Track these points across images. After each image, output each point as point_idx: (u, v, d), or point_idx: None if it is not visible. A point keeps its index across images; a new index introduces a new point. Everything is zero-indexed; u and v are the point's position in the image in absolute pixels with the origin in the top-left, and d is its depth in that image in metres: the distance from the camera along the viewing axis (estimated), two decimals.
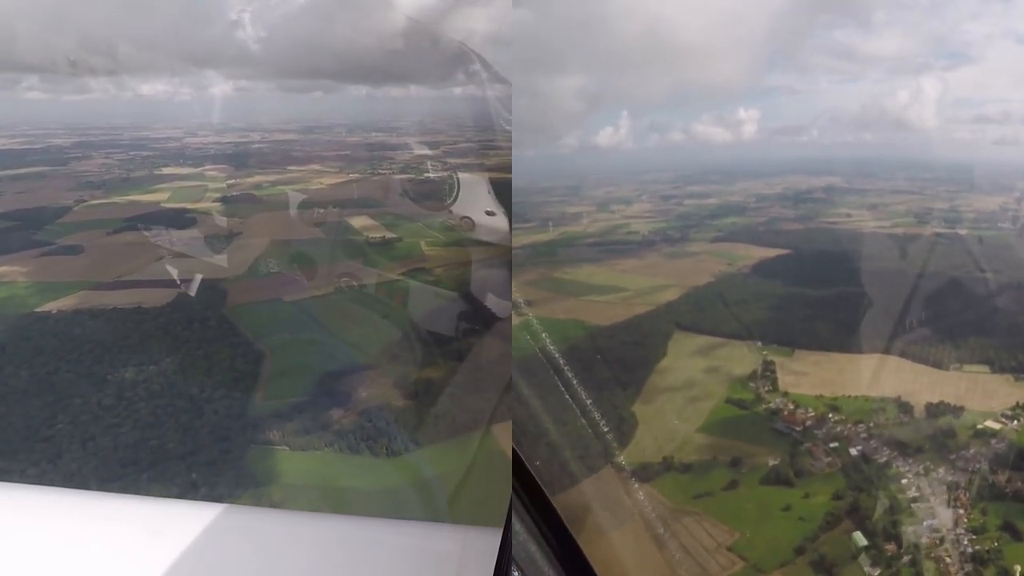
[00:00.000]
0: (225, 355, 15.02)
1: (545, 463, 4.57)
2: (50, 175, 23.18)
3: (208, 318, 15.65)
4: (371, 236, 17.14)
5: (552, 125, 15.47)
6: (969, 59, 21.15)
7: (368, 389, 13.57)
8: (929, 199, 20.36)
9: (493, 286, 11.23)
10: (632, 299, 14.25)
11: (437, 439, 12.54)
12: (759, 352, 12.52)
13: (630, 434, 10.55)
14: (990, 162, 21.69)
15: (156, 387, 14.31)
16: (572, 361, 9.70)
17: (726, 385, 11.69)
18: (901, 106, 21.70)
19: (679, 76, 15.53)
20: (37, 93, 23.38)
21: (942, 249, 17.15)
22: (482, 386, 11.48)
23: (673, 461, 9.97)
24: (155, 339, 15.06)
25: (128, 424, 13.68)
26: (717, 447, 10.28)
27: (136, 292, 16.24)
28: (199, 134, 23.07)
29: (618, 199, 17.97)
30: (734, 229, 18.00)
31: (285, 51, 19.97)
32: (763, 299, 14.28)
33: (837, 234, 17.99)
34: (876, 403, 11.02)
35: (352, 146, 23.63)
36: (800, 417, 10.61)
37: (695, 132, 21.40)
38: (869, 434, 10.28)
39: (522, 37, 9.15)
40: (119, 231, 19.34)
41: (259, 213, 18.57)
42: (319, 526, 3.43)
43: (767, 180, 21.51)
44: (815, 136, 23.51)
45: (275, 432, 13.49)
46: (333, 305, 14.70)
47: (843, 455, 9.88)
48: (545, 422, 7.41)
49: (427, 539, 3.30)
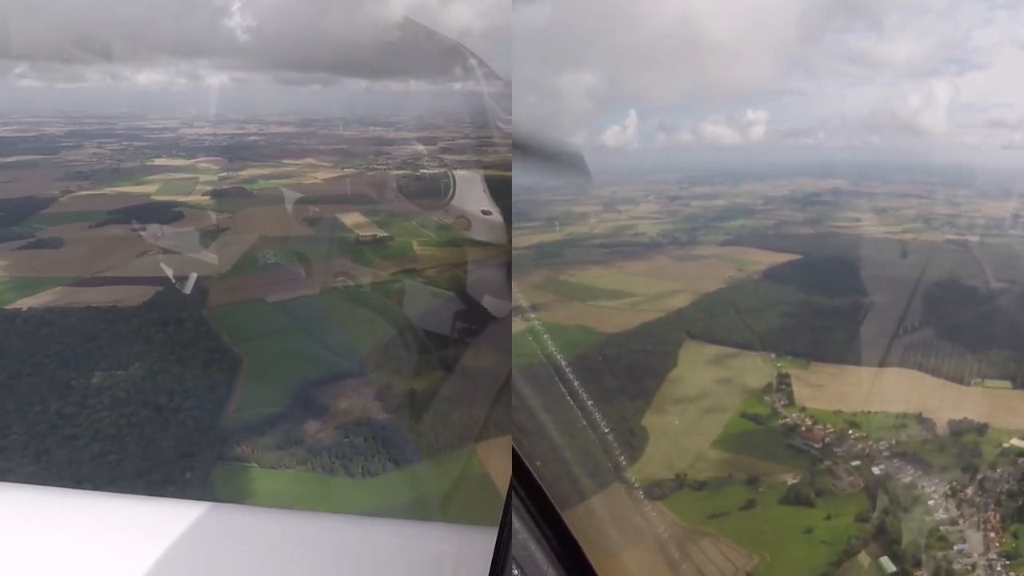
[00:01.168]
0: (199, 360, 13.97)
1: (553, 478, 4.29)
2: (39, 164, 22.37)
3: (185, 320, 14.64)
4: (362, 234, 16.47)
5: (560, 122, 14.91)
6: (978, 65, 20.79)
7: (348, 399, 12.68)
8: (938, 204, 19.97)
9: (489, 287, 10.89)
10: (641, 305, 13.71)
11: (417, 458, 11.83)
12: (773, 364, 12.02)
13: (640, 448, 10.03)
14: (999, 167, 21.40)
15: (122, 394, 13.27)
16: (578, 369, 9.20)
17: (740, 398, 11.17)
18: (910, 110, 21.30)
19: (695, 76, 15.00)
20: (31, 81, 22.60)
21: (955, 256, 16.76)
22: (470, 400, 10.91)
23: (687, 478, 9.44)
24: (127, 341, 14.04)
25: (87, 436, 12.66)
26: (732, 464, 9.76)
27: (115, 289, 15.39)
28: (195, 125, 22.44)
29: (625, 199, 17.42)
30: (743, 232, 17.49)
31: (277, 41, 19.40)
32: (775, 307, 13.77)
33: (848, 239, 17.53)
34: (897, 419, 10.54)
35: (349, 140, 23.02)
36: (819, 434, 10.11)
37: (703, 133, 20.88)
38: (891, 452, 9.79)
39: (530, 31, 8.71)
40: (103, 224, 18.45)
41: (248, 208, 17.83)
42: (314, 525, 3.34)
43: (773, 182, 21.04)
44: (821, 139, 23.10)
45: (245, 447, 12.61)
46: (319, 307, 13.95)
47: (865, 474, 9.38)
48: (551, 433, 6.96)
49: (422, 538, 3.23)
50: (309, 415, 12.62)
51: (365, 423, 12.14)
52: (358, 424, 12.18)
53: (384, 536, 3.28)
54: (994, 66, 20.74)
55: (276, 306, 14.67)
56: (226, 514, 3.24)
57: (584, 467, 9.17)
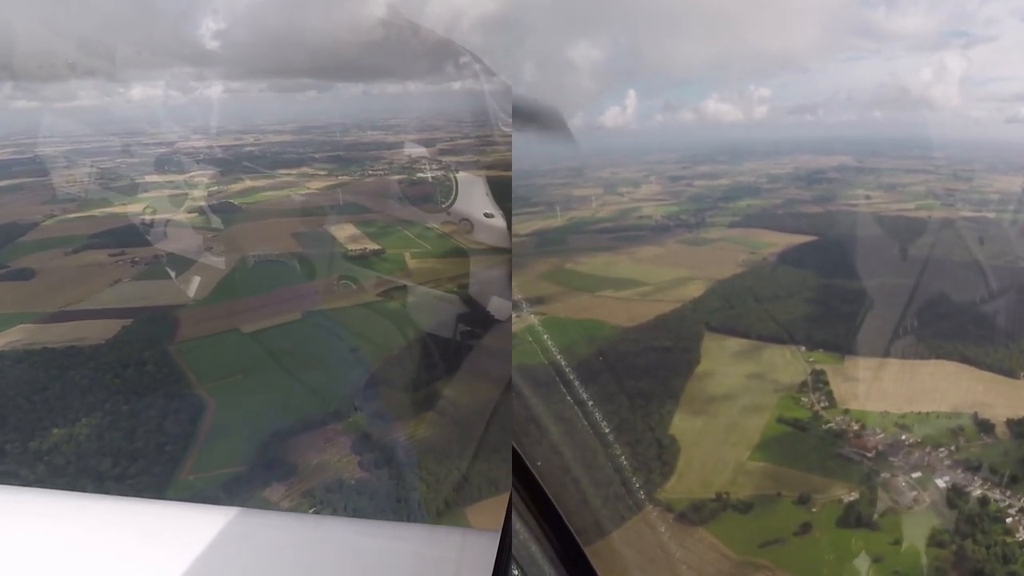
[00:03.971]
0: (156, 410, 11.85)
1: (574, 508, 3.55)
2: (27, 187, 20.50)
3: (146, 360, 12.42)
4: (351, 249, 14.75)
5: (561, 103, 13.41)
6: (982, 38, 19.80)
7: (321, 454, 10.58)
8: (945, 179, 19.02)
9: (492, 294, 9.83)
10: (653, 295, 12.34)
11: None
12: (804, 358, 10.75)
13: (671, 463, 8.68)
14: (1004, 141, 20.51)
15: (61, 461, 11.13)
16: (592, 371, 8.14)
17: (774, 399, 9.88)
18: (911, 85, 20.39)
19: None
20: (24, 102, 20.68)
21: (975, 235, 15.68)
22: (460, 451, 9.29)
23: (729, 498, 8.10)
24: (79, 391, 11.87)
25: None
26: (777, 478, 8.45)
27: (79, 326, 13.27)
28: (192, 138, 20.74)
29: (625, 180, 15.99)
30: (751, 213, 16.19)
31: (254, 47, 17.78)
32: (797, 294, 12.48)
33: (861, 218, 16.30)
34: (950, 420, 9.32)
35: (345, 146, 21.59)
36: (870, 441, 8.84)
37: (704, 110, 19.61)
38: (953, 460, 8.56)
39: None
40: (80, 250, 16.42)
41: (235, 225, 16.08)
42: (316, 528, 3.34)
43: (776, 160, 19.83)
44: (821, 115, 22.01)
45: None
46: (299, 336, 12.05)
47: (929, 488, 8.13)
48: (567, 460, 5.81)
49: (425, 542, 3.18)
50: (273, 476, 10.32)
51: (337, 488, 10.06)
52: (328, 489, 10.09)
53: (386, 539, 3.21)
54: (998, 39, 19.72)
55: (252, 337, 12.67)
56: (228, 517, 3.12)
57: (612, 489, 7.70)
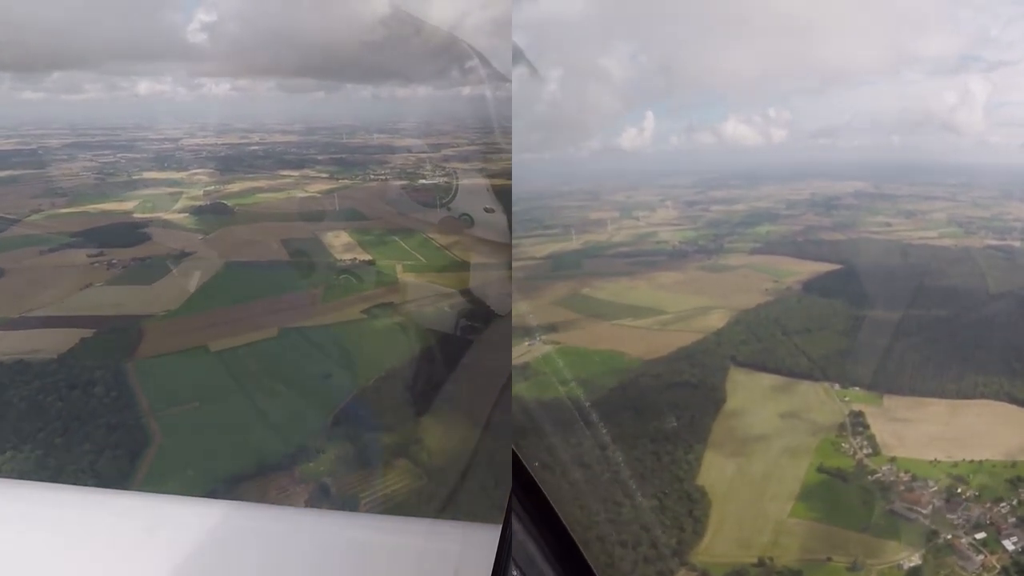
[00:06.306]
0: (91, 446, 10.02)
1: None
2: (20, 180, 19.41)
3: (96, 381, 10.95)
4: (341, 259, 13.52)
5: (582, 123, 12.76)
6: (1000, 64, 19.20)
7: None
8: (965, 206, 18.33)
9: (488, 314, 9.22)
10: (673, 324, 11.43)
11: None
12: (839, 397, 9.81)
13: (703, 520, 7.69)
14: (1020, 167, 19.88)
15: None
16: (613, 407, 7.32)
17: (811, 443, 8.91)
18: (927, 110, 19.81)
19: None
20: (31, 93, 19.98)
21: (1004, 264, 14.87)
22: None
23: (773, 563, 7.10)
24: (14, 416, 10.53)
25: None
26: (825, 538, 7.45)
27: (37, 335, 11.84)
28: (199, 135, 19.95)
29: (640, 204, 15.17)
30: (771, 239, 15.34)
31: (259, 46, 17.15)
32: (827, 326, 11.55)
33: (885, 246, 15.49)
34: (1006, 470, 8.34)
35: (350, 148, 20.78)
36: (923, 495, 7.86)
37: (722, 133, 18.92)
38: (1018, 518, 7.58)
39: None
40: (57, 249, 15.14)
41: (222, 228, 14.96)
42: (318, 523, 3.31)
43: (792, 185, 19.09)
44: (835, 140, 21.35)
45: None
46: (269, 357, 10.72)
47: (996, 550, 7.16)
48: (587, 503, 6.04)
49: (427, 536, 3.13)
50: None
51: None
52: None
53: (388, 533, 3.17)
54: (1015, 64, 19.13)
55: (218, 357, 11.37)
56: (231, 511, 3.12)
57: (637, 553, 6.76)
